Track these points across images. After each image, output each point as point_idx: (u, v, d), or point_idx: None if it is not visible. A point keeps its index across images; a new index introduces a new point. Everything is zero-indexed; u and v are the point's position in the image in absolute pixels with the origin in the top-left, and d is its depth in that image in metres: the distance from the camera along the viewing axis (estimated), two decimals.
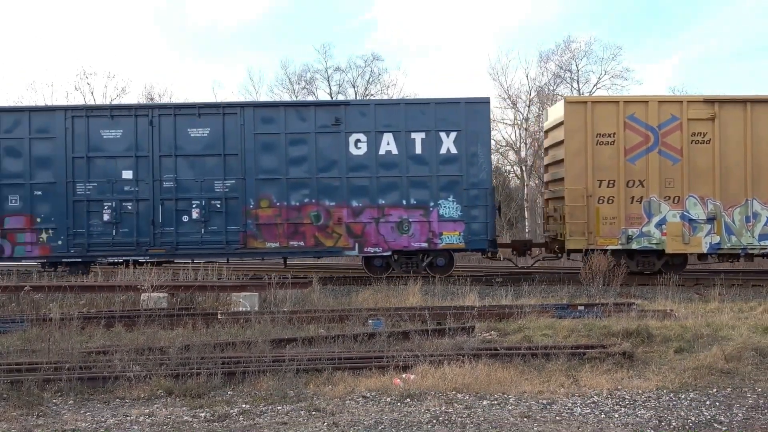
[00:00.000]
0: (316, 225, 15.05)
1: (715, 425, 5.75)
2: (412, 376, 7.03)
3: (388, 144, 15.14)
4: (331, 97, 36.01)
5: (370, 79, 37.14)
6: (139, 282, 12.01)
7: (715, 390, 6.76)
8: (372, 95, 36.21)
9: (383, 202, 15.10)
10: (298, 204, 15.07)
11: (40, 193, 14.99)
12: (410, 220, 15.08)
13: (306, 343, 8.46)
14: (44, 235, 14.97)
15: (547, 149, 17.48)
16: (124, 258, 15.13)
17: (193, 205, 15.03)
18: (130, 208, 15.02)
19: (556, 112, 16.57)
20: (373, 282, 14.56)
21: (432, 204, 15.10)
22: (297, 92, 37.22)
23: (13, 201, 14.97)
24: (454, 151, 15.11)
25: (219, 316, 10.20)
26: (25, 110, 15.40)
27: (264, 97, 36.97)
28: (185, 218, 15.03)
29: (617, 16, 60.32)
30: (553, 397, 6.47)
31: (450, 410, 6.07)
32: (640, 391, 6.66)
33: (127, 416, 5.97)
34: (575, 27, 62.83)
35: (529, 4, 59.97)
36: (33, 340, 8.81)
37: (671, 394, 6.59)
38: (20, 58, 54.47)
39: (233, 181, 15.06)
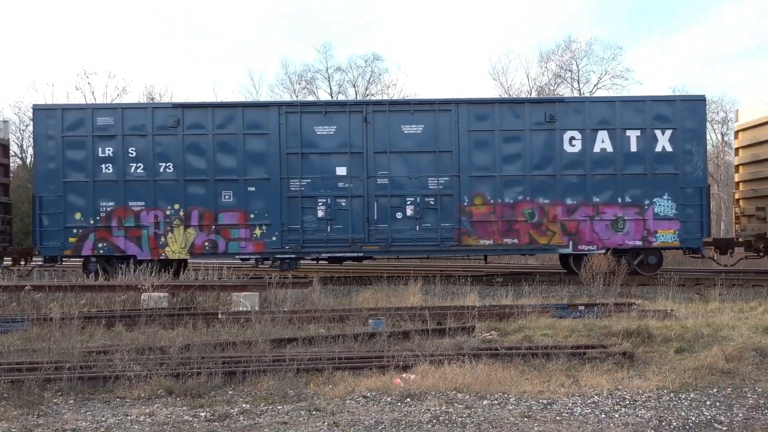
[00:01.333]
0: (531, 222, 15.08)
1: (716, 425, 5.75)
2: (413, 376, 7.03)
3: (602, 141, 15.17)
4: (332, 97, 36.00)
5: (371, 79, 37.25)
6: (139, 282, 12.02)
7: (715, 390, 6.76)
8: (372, 95, 36.23)
9: (597, 199, 15.11)
10: (512, 201, 15.11)
11: (253, 189, 15.08)
12: (625, 218, 15.09)
13: (306, 342, 8.46)
14: (258, 231, 15.05)
15: (738, 149, 17.39)
16: (337, 255, 15.22)
17: (407, 202, 15.09)
18: (344, 204, 15.07)
19: (753, 113, 16.54)
20: (373, 282, 14.57)
21: (647, 202, 15.10)
22: (297, 92, 37.26)
23: (227, 197, 15.05)
24: (669, 149, 15.13)
25: (219, 316, 10.21)
26: (238, 106, 15.47)
27: (264, 97, 36.96)
28: (399, 215, 15.09)
29: (618, 16, 60.31)
30: (554, 397, 6.47)
31: (450, 410, 6.08)
32: (640, 391, 6.66)
33: (128, 416, 5.98)
34: (576, 27, 62.85)
35: (529, 3, 59.96)
36: (33, 339, 8.82)
37: (671, 394, 6.59)
38: (21, 58, 54.50)
39: (447, 178, 15.10)
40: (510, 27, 59.96)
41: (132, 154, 15.02)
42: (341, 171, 15.08)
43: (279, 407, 6.20)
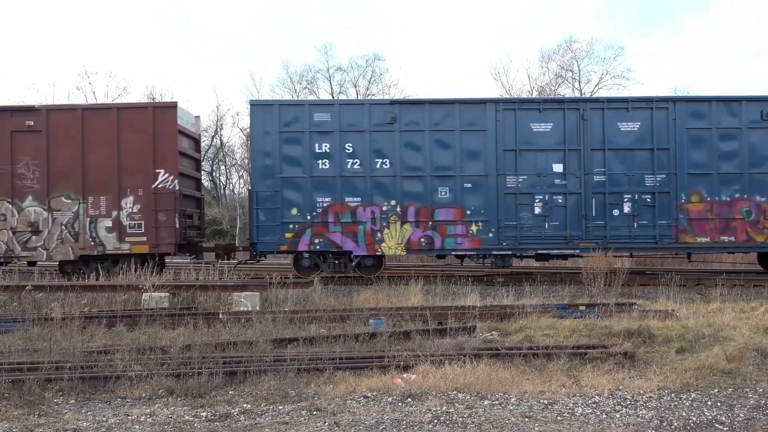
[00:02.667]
0: (748, 220, 15.07)
1: (717, 425, 5.75)
2: (414, 376, 7.03)
3: None
4: (332, 97, 36.00)
5: (372, 79, 37.23)
6: (140, 282, 12.03)
7: (716, 390, 6.75)
8: (373, 95, 36.21)
9: None
10: (728, 199, 15.10)
11: (469, 185, 15.14)
12: None
13: (307, 342, 8.46)
14: (474, 228, 15.10)
15: None
16: (553, 251, 15.25)
17: (624, 199, 15.12)
18: (560, 201, 15.12)
19: None
20: (374, 282, 14.56)
21: None
22: (298, 92, 37.25)
23: (443, 193, 15.13)
24: None
25: (220, 316, 10.21)
26: (454, 103, 15.40)
27: (265, 97, 36.95)
28: (615, 212, 15.10)
29: (619, 16, 60.32)
30: (555, 397, 6.47)
31: (451, 410, 6.07)
32: (641, 392, 6.65)
33: (129, 416, 5.98)
34: (577, 27, 62.83)
35: (530, 3, 59.98)
36: (34, 339, 8.83)
37: (672, 395, 6.58)
38: (22, 58, 54.56)
39: (664, 176, 15.12)
40: (511, 27, 60.00)
41: (349, 150, 15.12)
42: (558, 168, 15.15)
43: (280, 407, 6.20)
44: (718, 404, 6.32)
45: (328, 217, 15.01)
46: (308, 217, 15.00)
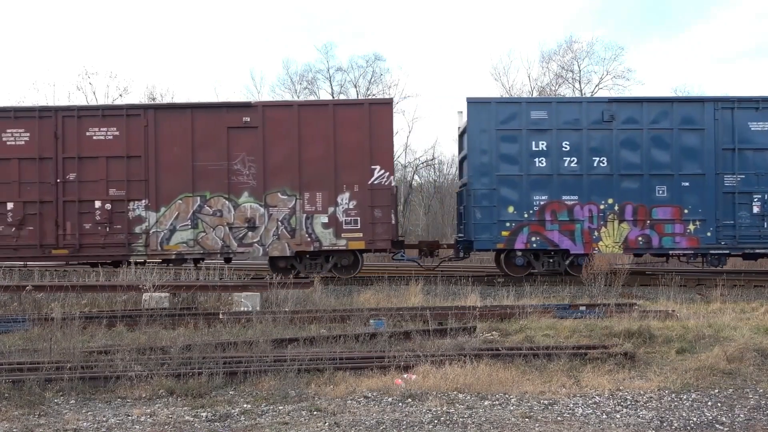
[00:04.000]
0: None
1: (717, 426, 5.74)
2: (414, 376, 7.03)
3: None
4: (333, 97, 35.97)
5: (372, 79, 37.18)
6: (140, 282, 12.03)
7: (716, 391, 6.75)
8: (374, 95, 36.20)
9: None
10: None
11: (687, 184, 15.14)
12: None
13: (307, 343, 8.46)
14: (691, 227, 15.11)
15: None
16: None
17: None
18: None
19: None
20: (375, 282, 14.57)
21: None
22: (299, 92, 37.24)
23: (661, 192, 15.15)
24: None
25: (221, 316, 10.21)
26: (672, 101, 15.55)
27: (265, 97, 36.92)
28: None
29: (619, 16, 60.33)
30: (555, 398, 6.46)
31: (451, 410, 6.07)
32: (641, 392, 6.65)
33: (129, 416, 5.98)
34: (578, 27, 62.85)
35: (530, 3, 60.00)
36: (35, 339, 8.83)
37: (673, 395, 6.58)
38: (22, 58, 54.58)
39: None
40: (511, 27, 59.98)
41: (565, 148, 15.16)
42: None
43: (280, 407, 6.20)
44: (719, 405, 6.32)
45: (545, 216, 15.10)
46: (525, 216, 15.11)
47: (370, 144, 15.03)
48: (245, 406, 6.26)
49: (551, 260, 15.29)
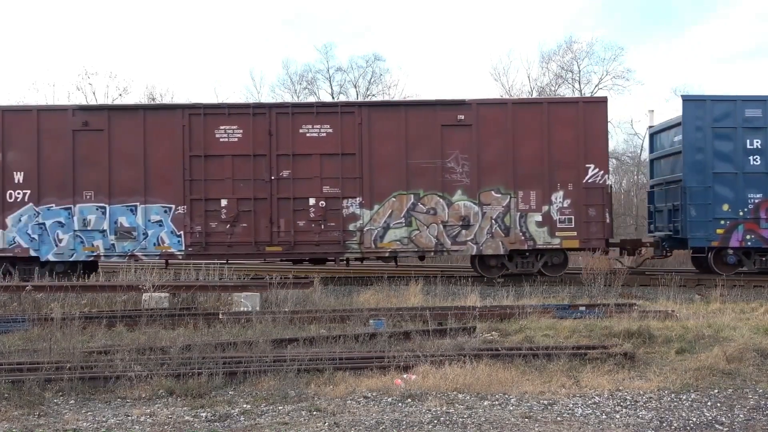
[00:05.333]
0: None
1: (717, 426, 5.75)
2: (414, 377, 7.03)
3: None
4: (332, 98, 35.95)
5: (372, 80, 37.16)
6: (140, 282, 12.03)
7: (716, 391, 6.75)
8: (373, 95, 36.19)
9: None
10: None
11: None
12: None
13: (307, 343, 8.46)
14: None
15: None
16: None
17: None
18: None
19: None
20: (374, 282, 14.56)
21: None
22: (298, 92, 37.23)
23: None
24: None
25: (220, 316, 10.21)
26: None
27: (265, 98, 36.91)
28: None
29: (619, 16, 60.35)
30: (555, 398, 6.47)
31: (451, 410, 6.07)
32: (641, 392, 6.65)
33: (129, 416, 5.98)
34: (577, 27, 62.87)
35: (530, 3, 60.00)
36: (34, 339, 8.83)
37: (672, 395, 6.58)
38: (21, 58, 54.56)
39: None
40: (511, 27, 59.99)
41: None
42: None
43: (280, 407, 6.20)
44: (718, 405, 6.32)
45: (760, 214, 15.08)
46: (740, 214, 15.09)
47: (584, 142, 15.03)
48: (245, 406, 6.26)
49: (764, 258, 15.25)
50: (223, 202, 14.98)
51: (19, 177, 14.94)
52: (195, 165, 15.03)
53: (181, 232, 15.03)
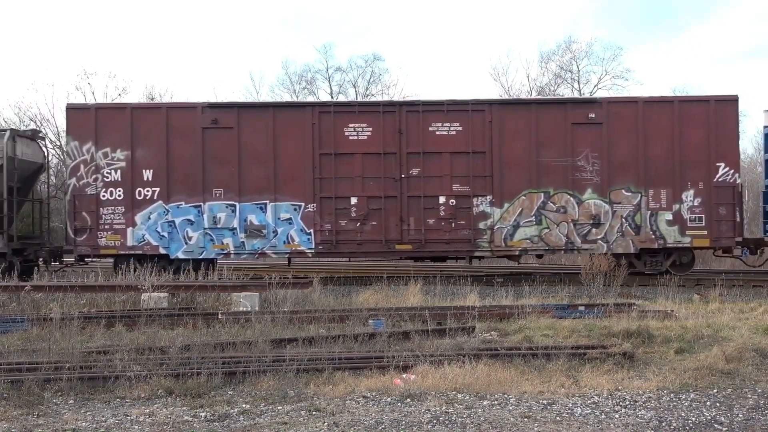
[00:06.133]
0: None
1: (716, 426, 5.75)
2: (413, 376, 7.03)
3: None
4: (332, 98, 35.91)
5: (371, 79, 37.18)
6: (139, 282, 12.02)
7: (715, 391, 6.75)
8: (373, 95, 36.17)
9: None
10: None
11: None
12: None
13: (306, 343, 8.46)
14: None
15: None
16: None
17: None
18: None
19: None
20: (374, 282, 14.56)
21: None
22: (298, 92, 37.22)
23: None
24: None
25: (219, 316, 10.20)
26: None
27: (265, 98, 36.86)
28: None
29: (619, 16, 60.35)
30: (554, 398, 6.47)
31: (450, 410, 6.07)
32: (640, 392, 6.65)
33: (128, 416, 5.97)
34: (577, 27, 62.88)
35: (530, 3, 60.01)
36: (33, 339, 8.83)
37: (672, 395, 6.58)
38: (21, 58, 54.53)
39: None
40: (510, 27, 60.02)
41: None
42: None
43: (279, 407, 6.20)
44: (717, 404, 6.32)
45: None
46: None
47: (715, 141, 14.97)
48: (244, 406, 6.25)
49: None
50: (353, 200, 14.99)
51: (148, 175, 14.95)
52: (325, 163, 15.02)
53: (311, 230, 15.01)
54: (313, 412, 6.03)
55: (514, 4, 61.08)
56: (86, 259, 15.44)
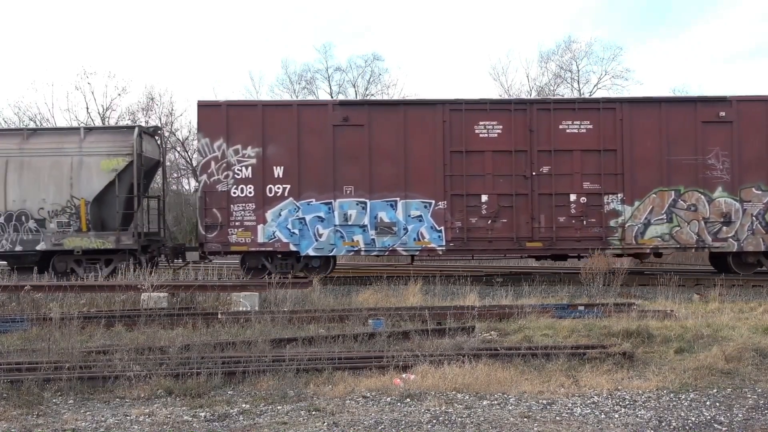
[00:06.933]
0: None
1: (715, 425, 5.75)
2: (413, 376, 7.03)
3: None
4: (332, 97, 35.91)
5: (371, 79, 37.15)
6: (139, 282, 12.02)
7: (715, 390, 6.75)
8: (372, 95, 36.17)
9: None
10: None
11: None
12: None
13: (306, 342, 8.46)
14: None
15: None
16: None
17: None
18: None
19: None
20: (373, 282, 14.56)
21: None
22: (297, 92, 37.21)
23: None
24: None
25: (219, 316, 10.20)
26: None
27: (264, 97, 36.86)
28: None
29: (619, 16, 60.37)
30: (554, 398, 6.47)
31: (450, 410, 6.07)
32: (640, 392, 6.65)
33: (127, 416, 5.97)
34: (577, 27, 62.88)
35: (530, 3, 60.02)
36: (33, 339, 8.83)
37: (671, 395, 6.59)
38: (20, 57, 54.50)
39: None
40: (510, 27, 60.02)
41: None
42: None
43: (279, 407, 6.20)
44: (717, 404, 6.32)
45: None
46: None
47: None
48: (244, 406, 6.25)
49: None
50: (484, 198, 15.03)
51: (278, 172, 15.00)
52: (455, 160, 15.05)
53: (442, 228, 15.04)
54: (313, 412, 6.03)
55: (513, 4, 61.11)
56: (210, 257, 15.62)
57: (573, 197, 15.04)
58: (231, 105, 15.47)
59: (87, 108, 36.51)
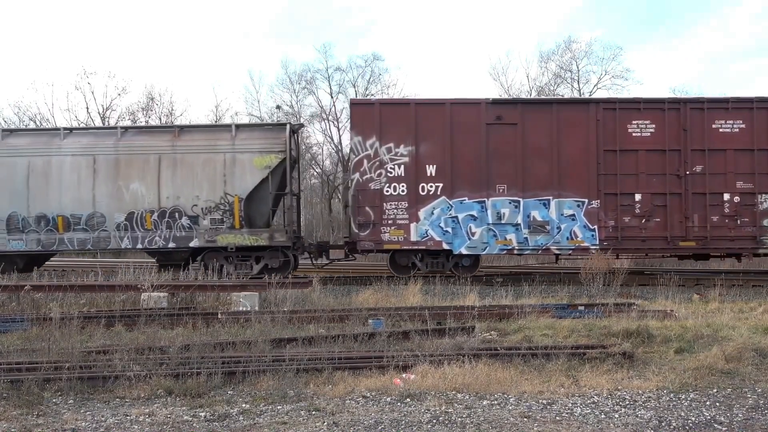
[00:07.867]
0: None
1: (715, 425, 5.75)
2: (412, 376, 7.03)
3: None
4: (331, 97, 35.92)
5: (371, 79, 37.11)
6: (139, 282, 12.02)
7: (715, 390, 6.75)
8: (372, 95, 36.16)
9: None
10: None
11: None
12: None
13: (306, 342, 8.46)
14: None
15: None
16: None
17: None
18: None
19: None
20: (373, 282, 14.57)
21: None
22: (297, 92, 37.21)
23: None
24: None
25: (219, 316, 10.20)
26: None
27: (264, 98, 36.82)
28: None
29: (619, 16, 60.38)
30: (554, 398, 6.47)
31: (450, 410, 6.07)
32: (640, 392, 6.65)
33: (127, 416, 5.97)
34: (577, 27, 62.89)
35: (529, 3, 60.03)
36: (33, 339, 8.82)
37: (671, 395, 6.59)
38: (20, 57, 54.52)
39: None
40: (510, 27, 60.07)
41: None
42: None
43: (279, 407, 6.20)
44: (717, 404, 6.32)
45: None
46: None
47: None
48: (244, 405, 6.25)
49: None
50: (637, 197, 15.05)
51: (431, 170, 15.03)
52: (608, 159, 15.08)
53: (595, 227, 15.05)
54: (313, 412, 6.03)
55: (513, 4, 61.12)
56: (352, 255, 15.70)
57: (726, 196, 15.05)
58: (384, 103, 15.58)
59: (87, 108, 36.56)
